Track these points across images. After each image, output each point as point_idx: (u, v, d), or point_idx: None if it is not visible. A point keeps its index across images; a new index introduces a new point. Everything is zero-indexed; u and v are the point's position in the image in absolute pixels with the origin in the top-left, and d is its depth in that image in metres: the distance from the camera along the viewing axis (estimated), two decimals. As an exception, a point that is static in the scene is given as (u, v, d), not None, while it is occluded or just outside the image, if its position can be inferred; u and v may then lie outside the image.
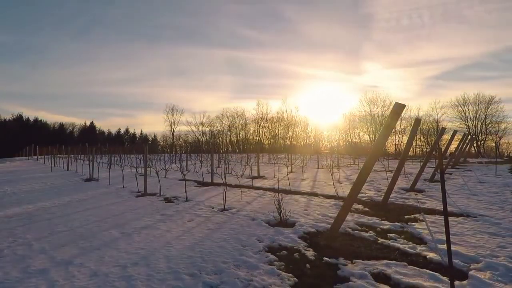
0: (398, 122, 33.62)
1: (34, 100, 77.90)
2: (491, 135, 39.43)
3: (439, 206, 5.83)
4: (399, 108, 3.58)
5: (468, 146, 18.57)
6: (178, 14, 69.11)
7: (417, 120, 6.71)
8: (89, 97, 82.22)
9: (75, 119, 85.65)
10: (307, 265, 3.18)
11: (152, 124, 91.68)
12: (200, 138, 52.85)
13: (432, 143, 20.30)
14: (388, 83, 60.75)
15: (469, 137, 18.58)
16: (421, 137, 40.60)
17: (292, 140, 47.28)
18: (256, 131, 50.85)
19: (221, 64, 73.19)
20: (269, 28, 66.37)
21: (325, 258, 3.33)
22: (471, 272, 2.91)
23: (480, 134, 39.28)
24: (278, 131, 49.03)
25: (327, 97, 62.77)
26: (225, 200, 5.99)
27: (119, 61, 73.57)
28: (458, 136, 14.86)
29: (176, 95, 78.06)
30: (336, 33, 61.67)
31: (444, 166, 2.95)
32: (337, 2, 60.48)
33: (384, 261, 3.20)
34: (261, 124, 49.97)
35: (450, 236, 2.47)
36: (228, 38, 69.83)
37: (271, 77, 71.05)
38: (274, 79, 71.14)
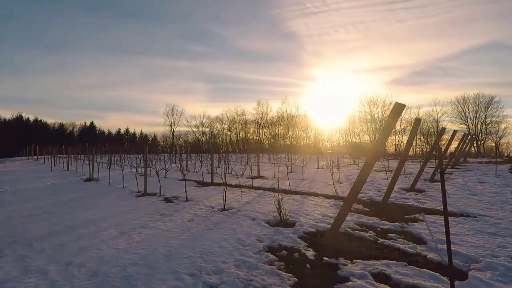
0: (398, 122, 33.64)
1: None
2: (491, 135, 39.47)
3: (439, 206, 5.83)
4: (399, 108, 3.58)
5: (468, 146, 18.57)
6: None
7: (417, 120, 6.70)
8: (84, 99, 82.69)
9: (75, 120, 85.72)
10: (307, 265, 3.18)
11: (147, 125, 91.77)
12: (200, 138, 52.87)
13: (432, 143, 20.31)
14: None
15: (469, 137, 18.58)
16: (421, 137, 40.62)
17: (292, 140, 47.30)
18: (256, 131, 50.88)
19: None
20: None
21: (325, 258, 3.33)
22: (471, 272, 2.90)
23: (480, 134, 39.30)
24: (278, 131, 49.07)
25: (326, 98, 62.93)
26: (225, 200, 5.99)
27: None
28: (458, 136, 14.87)
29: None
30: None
31: (444, 166, 2.95)
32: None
33: (384, 261, 3.20)
34: (261, 124, 49.99)
35: (450, 236, 2.47)
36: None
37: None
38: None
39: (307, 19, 60.75)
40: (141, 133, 70.01)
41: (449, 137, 11.41)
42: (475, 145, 36.17)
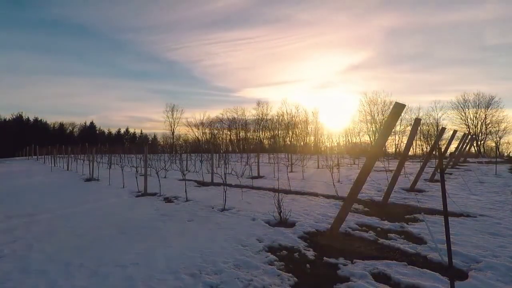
0: (398, 122, 33.60)
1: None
2: (491, 135, 39.47)
3: (439, 206, 5.82)
4: (399, 108, 3.58)
5: (468, 146, 18.56)
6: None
7: (417, 120, 6.70)
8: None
9: (75, 119, 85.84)
10: (307, 265, 3.18)
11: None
12: (200, 138, 52.89)
13: (432, 143, 20.30)
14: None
15: (469, 137, 18.57)
16: (421, 137, 40.62)
17: (292, 140, 47.31)
18: (256, 130, 50.89)
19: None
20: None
21: (325, 258, 3.33)
22: (471, 272, 2.90)
23: (480, 134, 39.30)
24: (278, 131, 49.06)
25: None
26: (225, 200, 5.99)
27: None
28: (458, 136, 14.86)
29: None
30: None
31: (444, 166, 2.94)
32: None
33: (384, 261, 3.20)
34: (261, 124, 49.99)
35: (450, 236, 2.46)
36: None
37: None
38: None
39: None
40: (141, 133, 70.11)
41: (449, 137, 11.41)
42: (475, 145, 36.18)
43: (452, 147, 15.92)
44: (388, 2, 56.34)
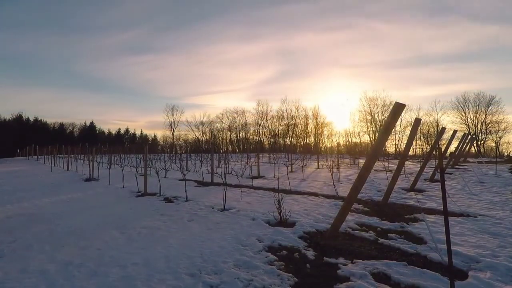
0: (398, 122, 33.59)
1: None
2: (491, 135, 39.46)
3: (439, 206, 5.83)
4: (399, 107, 3.58)
5: (468, 146, 18.55)
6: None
7: (417, 120, 6.70)
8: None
9: (75, 119, 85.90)
10: (307, 265, 3.18)
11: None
12: (200, 138, 52.88)
13: (432, 143, 20.29)
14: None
15: (469, 136, 18.57)
16: (421, 137, 40.60)
17: (292, 139, 47.29)
18: (256, 130, 50.87)
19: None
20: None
21: (325, 258, 3.33)
22: (471, 272, 2.90)
23: (480, 134, 39.29)
24: (278, 131, 49.04)
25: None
26: (225, 200, 5.99)
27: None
28: (458, 136, 14.85)
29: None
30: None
31: (444, 166, 2.95)
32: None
33: (384, 261, 3.19)
34: (261, 124, 49.98)
35: (450, 236, 2.46)
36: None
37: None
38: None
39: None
40: (141, 133, 70.14)
41: (449, 137, 11.41)
42: (475, 145, 36.16)
43: (452, 147, 15.92)
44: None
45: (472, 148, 30.06)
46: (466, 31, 53.40)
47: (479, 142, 38.90)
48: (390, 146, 38.47)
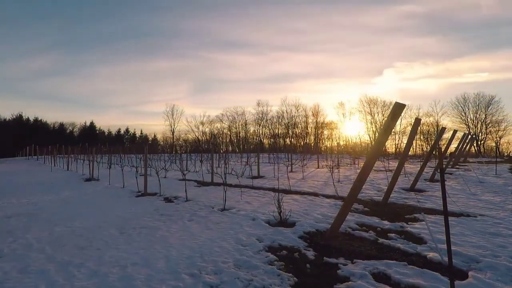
0: (398, 122, 33.59)
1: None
2: (491, 135, 39.46)
3: (439, 206, 5.82)
4: (399, 107, 3.57)
5: (468, 146, 18.55)
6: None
7: (417, 120, 6.70)
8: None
9: (75, 119, 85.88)
10: (307, 265, 3.18)
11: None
12: (200, 138, 52.85)
13: (432, 143, 20.30)
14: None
15: (469, 136, 18.56)
16: (421, 137, 40.60)
17: (292, 139, 47.29)
18: (256, 130, 50.85)
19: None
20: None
21: (325, 258, 3.33)
22: (471, 272, 2.90)
23: (480, 134, 39.29)
24: (279, 131, 49.02)
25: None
26: (225, 200, 5.98)
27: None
28: (458, 136, 14.84)
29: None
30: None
31: (444, 166, 2.95)
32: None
33: (384, 261, 3.19)
34: (261, 124, 49.95)
35: (450, 236, 2.46)
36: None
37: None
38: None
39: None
40: (141, 133, 70.08)
41: (449, 137, 11.41)
42: (475, 145, 36.16)
43: (452, 147, 15.91)
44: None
45: (472, 148, 30.07)
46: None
47: (479, 142, 38.89)
48: (390, 146, 38.51)
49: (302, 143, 44.52)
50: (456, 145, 16.08)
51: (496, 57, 54.27)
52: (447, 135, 24.54)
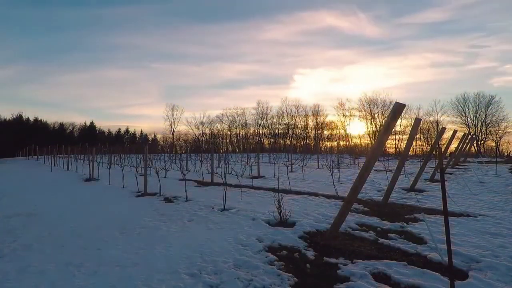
0: (398, 122, 33.59)
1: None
2: (491, 134, 39.45)
3: (439, 206, 5.82)
4: (399, 107, 3.57)
5: (468, 145, 18.55)
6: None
7: (417, 120, 6.70)
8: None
9: (75, 119, 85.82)
10: (307, 265, 3.18)
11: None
12: (200, 138, 52.82)
13: (432, 143, 20.29)
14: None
15: (469, 136, 18.56)
16: (421, 137, 40.59)
17: (292, 139, 47.27)
18: (256, 130, 50.82)
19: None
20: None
21: (325, 258, 3.33)
22: (471, 272, 2.90)
23: (480, 134, 39.28)
24: (278, 131, 49.00)
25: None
26: (225, 200, 5.98)
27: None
28: (458, 136, 14.84)
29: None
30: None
31: (444, 166, 2.94)
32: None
33: (384, 261, 3.19)
34: (261, 124, 49.93)
35: (450, 236, 2.47)
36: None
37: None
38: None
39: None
40: (141, 133, 70.06)
41: (449, 137, 11.41)
42: (475, 145, 36.14)
43: (452, 147, 15.91)
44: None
45: (472, 148, 30.08)
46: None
47: (479, 142, 38.89)
48: (390, 146, 38.51)
49: (302, 143, 44.53)
50: (456, 145, 16.09)
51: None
52: (447, 135, 24.53)
